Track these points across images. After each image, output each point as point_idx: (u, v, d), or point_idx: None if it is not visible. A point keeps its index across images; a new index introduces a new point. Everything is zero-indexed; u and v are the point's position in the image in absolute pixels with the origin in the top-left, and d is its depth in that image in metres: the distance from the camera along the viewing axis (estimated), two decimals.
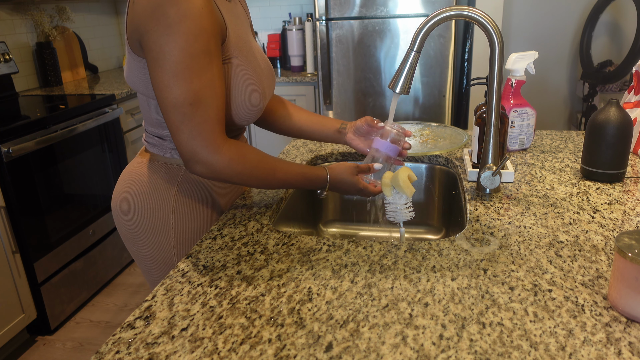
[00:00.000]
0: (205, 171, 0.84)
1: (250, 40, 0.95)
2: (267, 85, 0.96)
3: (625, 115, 1.04)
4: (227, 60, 0.87)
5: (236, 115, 0.92)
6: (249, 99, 0.91)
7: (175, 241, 0.98)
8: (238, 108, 0.91)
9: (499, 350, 0.60)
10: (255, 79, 0.91)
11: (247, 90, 0.90)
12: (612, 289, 0.67)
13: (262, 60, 0.97)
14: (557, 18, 2.85)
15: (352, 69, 2.55)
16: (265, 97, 0.96)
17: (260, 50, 0.99)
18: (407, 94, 0.96)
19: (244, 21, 0.97)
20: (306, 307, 0.69)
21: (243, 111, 0.92)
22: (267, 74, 0.97)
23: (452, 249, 0.83)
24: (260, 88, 0.92)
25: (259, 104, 0.93)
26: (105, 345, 0.64)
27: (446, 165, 1.32)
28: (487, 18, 0.94)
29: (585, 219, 0.92)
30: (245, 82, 0.89)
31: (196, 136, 0.80)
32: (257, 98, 0.92)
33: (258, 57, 0.95)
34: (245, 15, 1.00)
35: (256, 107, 0.93)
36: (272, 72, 1.02)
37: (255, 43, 0.99)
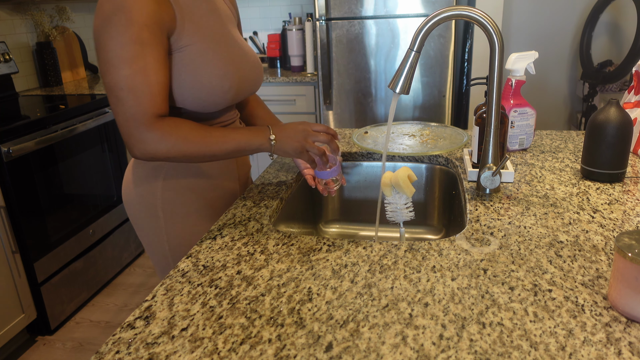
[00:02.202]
0: (142, 151, 0.89)
1: (224, 32, 1.00)
2: (237, 74, 1.00)
3: (625, 115, 1.04)
4: (182, 48, 0.93)
5: (198, 98, 0.96)
6: (209, 82, 0.95)
7: (165, 228, 1.06)
8: (198, 91, 0.95)
9: (499, 350, 0.60)
10: (218, 65, 0.96)
11: (206, 75, 0.95)
12: (612, 289, 0.67)
13: (238, 51, 1.02)
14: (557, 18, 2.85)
15: (352, 69, 2.55)
16: (232, 83, 0.99)
17: (240, 44, 1.04)
18: (407, 94, 0.97)
19: (219, 13, 1.02)
20: (306, 307, 0.69)
21: (204, 94, 0.96)
22: (242, 65, 1.02)
23: (452, 249, 0.83)
24: (223, 72, 0.96)
25: (221, 87, 0.97)
26: (105, 345, 0.64)
27: (446, 165, 1.32)
28: (487, 18, 0.94)
29: (585, 219, 0.92)
30: (205, 67, 0.94)
31: (129, 118, 0.87)
32: (218, 82, 0.96)
33: (232, 48, 1.00)
34: (225, 7, 1.06)
35: (218, 90, 0.97)
36: (254, 66, 1.07)
37: (234, 36, 1.04)
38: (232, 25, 1.06)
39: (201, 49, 0.95)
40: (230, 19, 1.07)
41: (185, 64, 0.94)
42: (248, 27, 3.33)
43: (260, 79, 1.11)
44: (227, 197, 1.13)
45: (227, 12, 1.07)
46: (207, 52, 0.95)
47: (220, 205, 1.11)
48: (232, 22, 1.07)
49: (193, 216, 1.07)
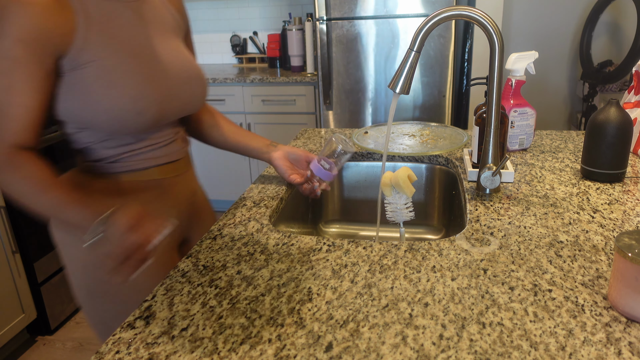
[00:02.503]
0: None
1: (147, 45, 0.89)
2: (158, 94, 0.88)
3: (625, 115, 1.04)
4: (87, 64, 0.82)
5: (109, 120, 0.84)
6: (119, 104, 0.84)
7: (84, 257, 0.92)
8: (107, 113, 0.84)
9: (499, 350, 0.60)
10: (130, 84, 0.84)
11: (115, 95, 0.83)
12: (612, 289, 0.67)
13: (164, 67, 0.90)
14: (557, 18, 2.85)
15: (352, 69, 2.55)
16: (149, 104, 0.87)
17: (172, 59, 0.92)
18: (407, 94, 0.97)
19: (146, 23, 0.90)
20: (306, 307, 0.69)
21: (114, 117, 0.84)
22: (167, 82, 0.90)
23: (452, 249, 0.83)
24: (137, 92, 0.85)
25: (134, 109, 0.85)
26: (105, 345, 0.64)
27: (446, 165, 1.32)
28: (487, 18, 0.94)
29: (585, 219, 0.92)
30: (114, 86, 0.83)
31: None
32: (130, 103, 0.84)
33: (154, 63, 0.88)
34: (164, 16, 0.95)
35: (130, 113, 0.85)
36: (187, 82, 0.94)
37: (164, 50, 0.92)
38: (168, 36, 0.94)
39: (111, 65, 0.83)
40: (168, 28, 0.95)
41: (91, 82, 0.82)
42: (248, 27, 3.34)
43: (198, 96, 0.98)
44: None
45: (167, 20, 0.95)
46: (119, 69, 0.84)
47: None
48: (170, 32, 0.96)
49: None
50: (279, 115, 2.90)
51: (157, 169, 0.96)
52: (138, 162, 0.93)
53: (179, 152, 1.00)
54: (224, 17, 3.35)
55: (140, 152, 0.93)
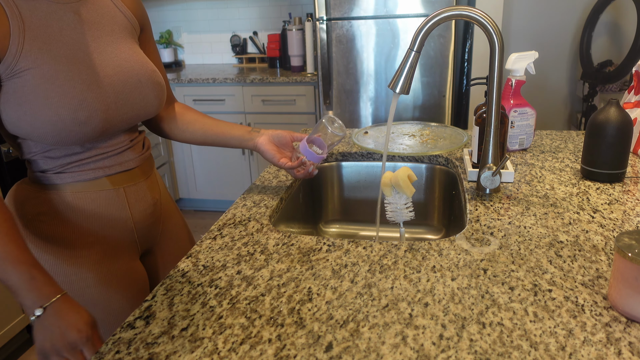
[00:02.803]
0: None
1: (90, 49, 0.84)
2: (102, 101, 0.83)
3: (625, 115, 1.04)
4: (21, 72, 0.77)
5: (49, 132, 0.79)
6: (57, 114, 0.78)
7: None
8: (46, 125, 0.79)
9: (499, 350, 0.60)
10: (71, 92, 0.79)
11: (53, 104, 0.78)
12: (612, 289, 0.67)
13: (111, 71, 0.85)
14: (557, 18, 2.85)
15: (352, 69, 2.55)
16: (92, 112, 0.81)
17: (119, 62, 0.87)
18: (407, 94, 0.97)
19: (89, 26, 0.85)
20: (306, 307, 0.69)
21: (53, 128, 0.79)
22: (113, 88, 0.85)
23: (452, 249, 0.83)
24: (77, 101, 0.79)
25: (74, 118, 0.80)
26: (105, 345, 0.64)
27: (446, 165, 1.32)
28: (487, 18, 0.94)
29: (585, 219, 0.92)
30: (52, 95, 0.78)
31: None
32: (69, 113, 0.79)
33: (99, 68, 0.83)
34: (114, 16, 0.90)
35: (70, 123, 0.79)
36: (138, 87, 0.89)
37: (111, 52, 0.87)
38: (117, 38, 0.89)
39: (49, 73, 0.78)
40: (120, 29, 0.90)
41: (28, 91, 0.77)
42: (248, 27, 3.34)
43: (153, 100, 0.92)
44: (114, 240, 0.92)
45: (117, 20, 0.90)
46: (57, 76, 0.78)
47: (104, 249, 0.91)
48: (121, 33, 0.90)
49: (64, 264, 0.88)
50: (279, 115, 2.90)
51: (108, 178, 0.90)
52: (86, 173, 0.88)
53: (135, 160, 0.95)
54: (224, 17, 3.35)
55: (88, 161, 0.88)
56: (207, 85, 2.91)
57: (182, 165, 3.12)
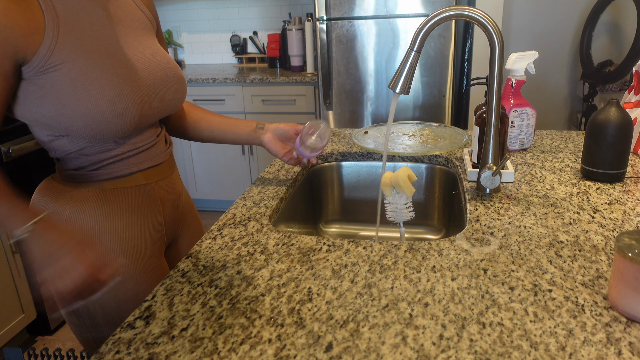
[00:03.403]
0: None
1: (121, 44, 0.85)
2: (137, 94, 0.85)
3: (625, 115, 1.04)
4: (57, 66, 0.77)
5: (86, 126, 0.81)
6: (96, 107, 0.80)
7: None
8: (84, 118, 0.80)
9: (499, 350, 0.60)
10: (108, 85, 0.81)
11: (92, 97, 0.79)
12: (612, 289, 0.67)
13: (140, 65, 0.87)
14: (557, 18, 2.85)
15: (352, 69, 2.55)
16: (128, 104, 0.83)
17: (147, 57, 0.89)
18: (407, 94, 0.96)
19: (117, 20, 0.87)
20: (306, 307, 0.69)
21: (92, 122, 0.80)
22: (145, 82, 0.87)
23: (452, 249, 0.83)
24: (115, 93, 0.81)
25: (113, 111, 0.81)
26: (105, 346, 0.64)
27: (446, 165, 1.32)
28: (487, 18, 0.94)
29: (586, 219, 0.92)
30: (90, 88, 0.79)
31: None
32: (108, 105, 0.80)
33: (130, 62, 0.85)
34: (135, 13, 0.91)
35: (109, 116, 0.81)
36: (166, 80, 0.91)
37: (139, 48, 0.88)
38: (141, 34, 0.91)
39: (84, 66, 0.79)
40: (141, 26, 0.92)
41: (64, 85, 0.78)
42: (248, 27, 3.34)
43: (178, 95, 0.95)
44: (147, 235, 0.95)
45: (138, 17, 0.92)
46: (94, 69, 0.80)
47: (139, 244, 0.93)
48: (143, 29, 0.92)
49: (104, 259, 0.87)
50: (279, 115, 2.89)
51: (142, 173, 0.93)
52: (121, 169, 0.90)
53: (163, 154, 0.97)
54: (224, 17, 3.35)
55: (122, 157, 0.90)
56: (207, 85, 2.91)
57: (182, 165, 3.12)
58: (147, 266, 0.95)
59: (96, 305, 0.90)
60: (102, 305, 0.91)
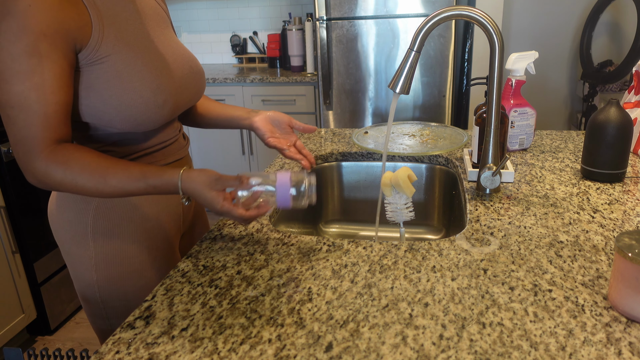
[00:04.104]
0: (33, 180, 0.78)
1: (153, 36, 0.89)
2: (173, 85, 0.89)
3: (625, 115, 1.04)
4: (103, 58, 0.80)
5: (129, 116, 0.84)
6: (140, 97, 0.83)
7: (95, 259, 0.92)
8: (128, 109, 0.83)
9: (499, 350, 0.60)
10: (149, 76, 0.84)
11: (136, 88, 0.83)
12: (612, 289, 0.67)
13: (172, 57, 0.90)
14: (557, 18, 2.85)
15: (352, 69, 2.55)
16: (168, 95, 0.87)
17: (175, 49, 0.93)
18: (407, 94, 0.96)
19: (146, 14, 0.90)
20: (306, 307, 0.69)
21: (136, 112, 0.84)
22: (178, 73, 0.91)
23: (452, 249, 0.83)
24: (156, 84, 0.85)
25: (155, 101, 0.85)
26: (105, 346, 0.64)
27: (446, 165, 1.32)
28: (487, 18, 0.94)
29: (586, 219, 0.92)
30: (133, 80, 0.83)
31: (18, 141, 0.76)
32: (151, 95, 0.84)
33: (164, 54, 0.89)
34: (155, 6, 0.94)
35: (152, 105, 0.85)
36: (193, 72, 0.95)
37: (167, 41, 0.92)
38: (164, 27, 0.94)
39: (127, 58, 0.82)
40: (162, 19, 0.95)
41: (110, 77, 0.81)
42: (248, 27, 3.34)
43: (202, 87, 1.00)
44: (167, 226, 0.98)
45: (159, 11, 0.95)
46: (135, 62, 0.83)
47: (160, 234, 0.96)
48: (164, 23, 0.96)
49: (129, 248, 0.92)
50: None
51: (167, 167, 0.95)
52: (148, 162, 0.93)
53: (183, 150, 1.01)
54: (224, 17, 3.35)
55: (148, 151, 0.93)
56: (207, 85, 2.91)
57: None
58: (166, 256, 0.98)
59: (118, 294, 0.93)
60: (124, 295, 0.93)
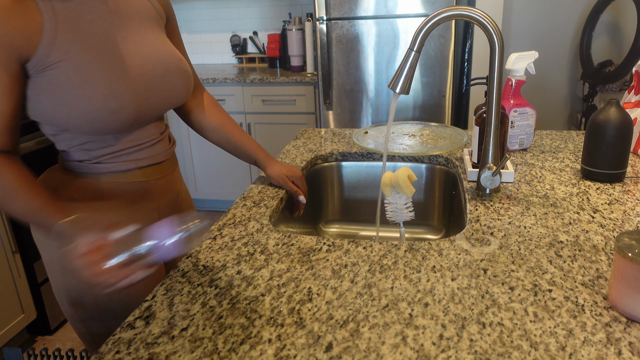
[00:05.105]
0: None
1: (121, 38, 0.86)
2: (134, 91, 0.85)
3: (625, 115, 1.04)
4: (55, 64, 0.79)
5: (83, 122, 0.82)
6: (90, 104, 0.81)
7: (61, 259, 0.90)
8: (81, 114, 0.81)
9: (499, 350, 0.60)
10: (102, 82, 0.81)
11: (86, 95, 0.80)
12: (612, 289, 0.67)
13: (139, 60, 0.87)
14: (557, 18, 2.85)
15: (352, 69, 2.55)
16: (124, 102, 0.84)
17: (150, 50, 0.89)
18: (407, 94, 0.96)
19: (120, 14, 0.87)
20: (306, 307, 0.69)
21: (87, 118, 0.82)
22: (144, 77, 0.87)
23: (452, 249, 0.83)
24: (109, 91, 0.82)
25: (107, 108, 0.82)
26: (105, 346, 0.64)
27: (446, 165, 1.32)
28: (487, 18, 0.94)
29: (586, 219, 0.92)
30: (85, 85, 0.80)
31: None
32: (102, 102, 0.81)
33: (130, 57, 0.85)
34: (142, 5, 0.91)
35: (103, 113, 0.82)
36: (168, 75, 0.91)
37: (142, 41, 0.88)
38: (146, 27, 0.91)
39: (81, 64, 0.80)
40: (148, 19, 0.92)
41: (60, 83, 0.80)
42: (248, 27, 3.33)
43: (182, 88, 0.95)
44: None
45: (145, 10, 0.92)
46: (90, 67, 0.81)
47: None
48: (150, 22, 0.92)
49: None
50: (279, 115, 2.89)
51: (140, 171, 0.93)
52: (120, 164, 0.91)
53: (164, 153, 0.98)
54: (224, 17, 3.35)
55: (122, 153, 0.91)
56: (207, 85, 2.91)
57: (182, 165, 3.12)
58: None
59: (90, 297, 0.91)
60: (95, 297, 0.92)
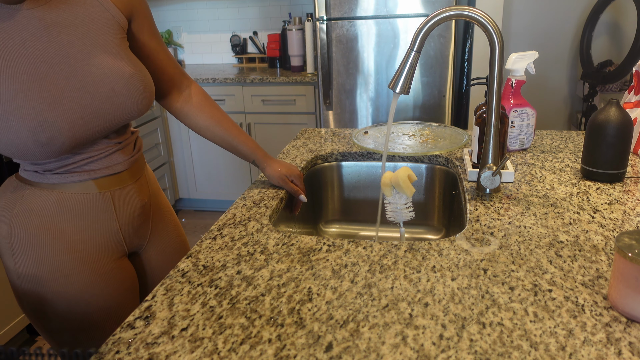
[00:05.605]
0: None
1: (52, 60, 0.78)
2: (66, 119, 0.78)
3: (625, 115, 1.04)
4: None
5: (16, 153, 0.79)
6: (17, 137, 0.76)
7: (16, 267, 0.89)
8: (9, 147, 0.77)
9: (499, 350, 0.60)
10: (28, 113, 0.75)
11: (12, 127, 0.75)
12: (612, 289, 0.67)
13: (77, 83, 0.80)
14: (557, 18, 2.85)
15: (352, 69, 2.55)
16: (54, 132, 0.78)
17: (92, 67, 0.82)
18: (407, 94, 0.96)
19: (51, 29, 0.79)
20: (306, 307, 0.69)
21: (17, 151, 0.78)
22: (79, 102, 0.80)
23: (452, 249, 0.83)
24: (36, 123, 0.76)
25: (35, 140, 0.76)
26: (105, 346, 0.64)
27: (446, 165, 1.32)
28: (487, 18, 0.94)
29: (586, 219, 0.92)
30: (10, 117, 0.75)
31: None
32: (29, 135, 0.76)
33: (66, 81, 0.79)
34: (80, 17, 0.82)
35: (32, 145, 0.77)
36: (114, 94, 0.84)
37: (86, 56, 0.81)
38: (92, 41, 0.82)
39: (7, 94, 0.74)
40: (100, 29, 0.84)
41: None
42: (248, 27, 3.34)
43: (132, 107, 0.87)
44: (99, 239, 0.92)
45: (97, 19, 0.84)
46: (16, 98, 0.75)
47: (88, 247, 0.91)
48: (101, 33, 0.84)
49: (47, 261, 0.87)
50: (279, 115, 2.89)
51: (95, 182, 0.89)
52: (72, 175, 0.87)
53: (124, 163, 0.93)
54: (224, 17, 3.35)
55: (74, 166, 0.87)
56: (207, 85, 2.91)
57: (182, 165, 3.12)
58: (100, 269, 0.93)
59: (47, 302, 0.90)
60: (52, 303, 0.90)
